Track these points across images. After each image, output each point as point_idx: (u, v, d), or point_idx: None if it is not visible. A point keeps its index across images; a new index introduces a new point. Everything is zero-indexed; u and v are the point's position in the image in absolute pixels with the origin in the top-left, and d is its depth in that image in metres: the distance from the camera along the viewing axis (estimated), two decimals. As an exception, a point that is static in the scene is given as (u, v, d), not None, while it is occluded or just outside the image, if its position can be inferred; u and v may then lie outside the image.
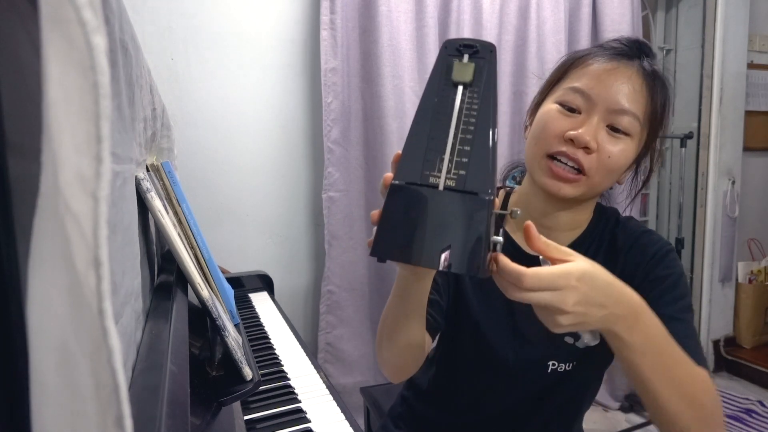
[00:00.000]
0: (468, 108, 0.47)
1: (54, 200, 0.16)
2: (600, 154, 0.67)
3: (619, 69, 0.68)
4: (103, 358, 0.17)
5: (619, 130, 0.68)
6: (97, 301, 0.17)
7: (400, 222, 0.46)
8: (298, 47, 1.80)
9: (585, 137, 0.66)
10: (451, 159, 0.46)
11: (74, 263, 0.17)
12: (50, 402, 0.18)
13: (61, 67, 0.15)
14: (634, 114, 0.68)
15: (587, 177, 0.68)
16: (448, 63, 0.49)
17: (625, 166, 0.71)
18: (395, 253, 0.46)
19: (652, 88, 0.70)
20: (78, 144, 0.16)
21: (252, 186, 1.80)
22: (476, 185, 0.45)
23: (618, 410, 2.30)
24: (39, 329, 0.18)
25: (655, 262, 0.73)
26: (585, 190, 0.69)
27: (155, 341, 0.51)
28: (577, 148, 0.67)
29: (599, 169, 0.68)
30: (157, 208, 0.65)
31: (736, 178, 2.62)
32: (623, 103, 0.67)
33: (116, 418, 0.18)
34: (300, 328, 1.68)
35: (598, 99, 0.67)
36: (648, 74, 0.70)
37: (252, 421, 0.81)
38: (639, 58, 0.71)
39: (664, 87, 0.72)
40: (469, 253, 0.44)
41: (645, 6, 2.51)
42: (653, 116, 0.70)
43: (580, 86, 0.69)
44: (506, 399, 0.83)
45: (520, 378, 0.80)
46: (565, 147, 0.68)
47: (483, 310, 0.80)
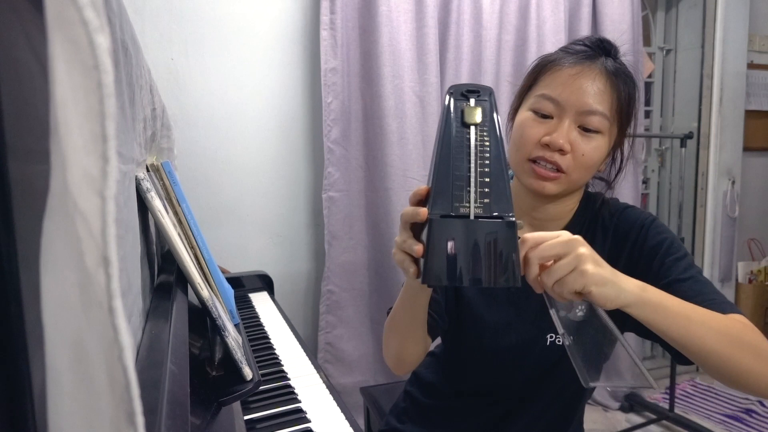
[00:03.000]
0: (481, 144, 0.56)
1: (63, 199, 0.16)
2: (575, 153, 0.73)
3: (583, 72, 0.73)
4: (115, 356, 0.18)
5: (590, 129, 0.73)
6: (108, 299, 0.17)
7: (443, 250, 0.53)
8: (298, 47, 1.80)
9: (558, 141, 0.72)
10: (475, 190, 0.54)
11: (84, 262, 0.17)
12: (66, 399, 0.19)
13: (66, 68, 0.15)
14: (602, 113, 0.73)
15: (566, 174, 0.74)
16: (458, 107, 0.56)
17: (600, 160, 0.77)
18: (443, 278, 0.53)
19: (616, 85, 0.74)
20: (84, 143, 0.16)
21: (252, 186, 1.80)
22: (500, 209, 0.53)
23: (618, 410, 2.30)
24: (53, 327, 0.18)
25: (644, 233, 0.77)
26: (566, 186, 0.75)
27: (155, 341, 0.51)
28: (553, 151, 0.73)
29: (576, 167, 0.74)
30: (157, 208, 0.65)
31: (736, 178, 2.62)
32: (590, 104, 0.72)
33: (128, 414, 0.18)
34: (300, 328, 1.68)
35: (566, 104, 0.73)
36: (611, 72, 0.74)
37: (252, 421, 0.81)
38: (601, 57, 0.75)
39: (627, 81, 0.76)
40: (503, 267, 0.52)
41: (645, 6, 2.51)
42: (620, 111, 0.75)
43: (550, 93, 0.74)
44: (511, 380, 0.87)
45: (524, 357, 0.83)
46: (542, 151, 0.74)
47: (483, 300, 0.85)
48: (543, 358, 0.83)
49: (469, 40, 1.91)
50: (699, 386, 2.53)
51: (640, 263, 0.75)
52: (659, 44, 2.61)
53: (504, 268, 0.52)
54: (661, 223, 0.79)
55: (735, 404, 2.34)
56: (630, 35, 2.15)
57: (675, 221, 2.57)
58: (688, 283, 0.69)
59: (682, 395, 2.43)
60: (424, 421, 0.96)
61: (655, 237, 0.76)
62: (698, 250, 2.62)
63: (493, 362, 0.86)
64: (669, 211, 2.66)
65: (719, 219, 2.60)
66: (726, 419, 2.22)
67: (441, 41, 1.88)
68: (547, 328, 0.81)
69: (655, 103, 2.64)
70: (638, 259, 0.76)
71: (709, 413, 2.27)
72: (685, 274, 0.70)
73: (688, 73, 2.58)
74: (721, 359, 0.59)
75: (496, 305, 0.85)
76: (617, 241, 0.79)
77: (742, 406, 2.32)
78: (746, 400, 2.37)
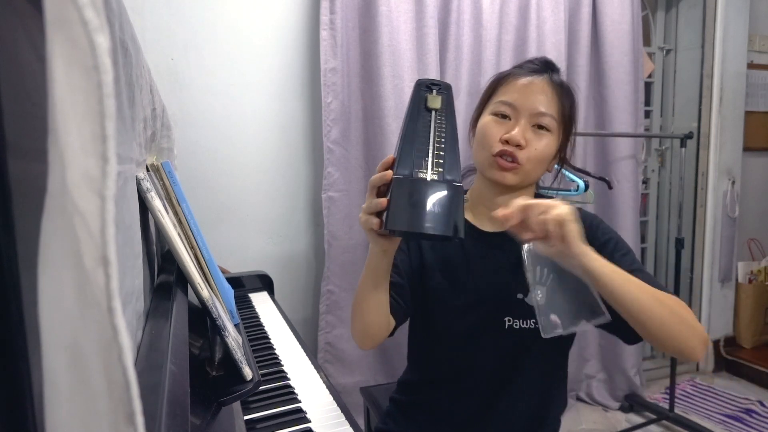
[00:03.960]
0: (439, 125, 0.70)
1: (62, 199, 0.16)
2: (529, 148, 0.87)
3: (534, 82, 0.89)
4: (114, 356, 0.18)
5: (542, 127, 0.87)
6: (107, 300, 0.17)
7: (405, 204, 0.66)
8: (298, 47, 1.80)
9: (516, 137, 0.85)
10: (433, 161, 0.69)
11: (83, 262, 0.17)
12: (62, 400, 0.18)
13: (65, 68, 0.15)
14: (551, 115, 0.87)
15: (522, 166, 0.87)
16: (423, 96, 0.70)
17: (550, 155, 0.90)
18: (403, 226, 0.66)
19: (561, 94, 0.89)
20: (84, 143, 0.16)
21: (252, 186, 1.80)
22: (451, 176, 0.68)
23: (618, 410, 2.30)
24: (50, 328, 0.18)
25: (593, 230, 0.89)
26: (523, 177, 0.88)
27: (155, 341, 0.51)
28: (512, 146, 0.86)
29: (530, 159, 0.87)
30: (157, 208, 0.65)
31: (736, 178, 2.62)
32: (541, 107, 0.87)
33: (127, 414, 0.18)
34: (300, 328, 1.67)
35: (522, 107, 0.87)
36: (556, 85, 0.89)
37: (252, 421, 0.81)
38: (547, 72, 0.90)
39: (569, 93, 0.91)
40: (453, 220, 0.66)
41: (645, 6, 2.51)
42: (563, 116, 0.90)
43: (507, 99, 0.89)
44: (479, 363, 0.94)
45: (485, 339, 0.92)
46: (503, 147, 0.87)
47: (447, 285, 0.94)
48: (503, 341, 0.91)
49: (469, 40, 1.91)
50: (699, 386, 2.53)
51: None
52: (659, 44, 2.61)
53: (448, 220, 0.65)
54: (606, 224, 0.93)
55: (735, 404, 2.34)
56: (630, 35, 2.15)
57: (675, 221, 2.57)
58: (635, 274, 0.78)
59: (682, 395, 2.43)
60: (407, 419, 1.03)
61: (604, 235, 0.90)
62: (698, 250, 2.62)
63: (455, 344, 0.95)
64: (669, 211, 2.65)
65: (719, 219, 2.60)
66: (726, 419, 2.22)
67: (441, 41, 1.88)
68: (505, 311, 0.90)
69: (655, 103, 2.64)
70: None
71: (709, 413, 2.27)
72: (632, 266, 0.82)
73: (688, 73, 2.58)
74: (656, 322, 0.73)
75: (458, 290, 0.93)
76: None
77: (742, 406, 2.33)
78: (746, 400, 2.37)
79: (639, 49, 2.22)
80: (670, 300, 0.76)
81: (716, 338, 2.69)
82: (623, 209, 2.23)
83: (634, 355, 2.31)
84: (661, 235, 2.69)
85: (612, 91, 2.16)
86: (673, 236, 2.48)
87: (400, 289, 0.93)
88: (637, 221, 2.27)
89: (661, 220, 2.69)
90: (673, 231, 2.62)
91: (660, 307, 0.73)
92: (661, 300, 0.74)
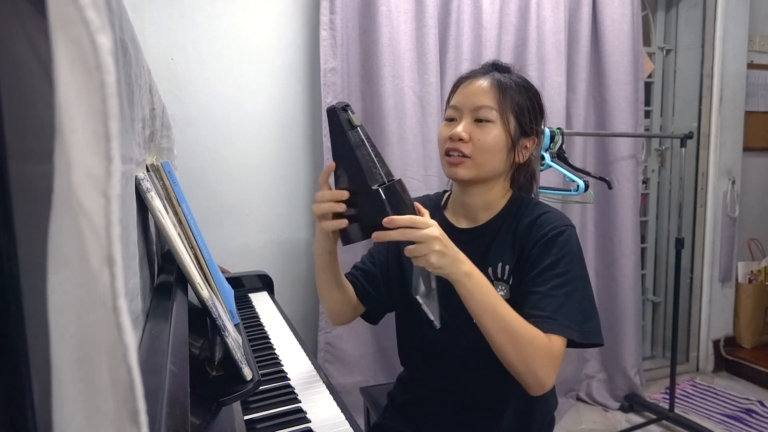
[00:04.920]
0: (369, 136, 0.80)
1: (68, 199, 0.16)
2: (473, 140, 0.91)
3: (473, 82, 0.94)
4: (119, 355, 0.18)
5: (481, 119, 0.92)
6: (112, 299, 0.17)
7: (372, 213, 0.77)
8: (297, 47, 1.80)
9: (457, 132, 0.91)
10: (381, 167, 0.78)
11: (89, 261, 0.17)
12: (69, 398, 0.18)
13: (69, 68, 0.15)
14: (487, 105, 0.91)
15: (471, 159, 0.91)
16: (345, 117, 0.79)
17: (497, 144, 0.92)
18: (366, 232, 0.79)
19: (502, 88, 0.92)
20: (88, 143, 0.16)
21: (252, 186, 1.80)
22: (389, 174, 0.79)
23: (618, 410, 2.30)
24: (58, 326, 0.18)
25: (544, 242, 0.89)
26: (475, 169, 0.92)
27: (155, 341, 0.51)
28: (456, 141, 0.92)
29: (476, 150, 0.91)
30: (157, 208, 0.65)
31: (736, 178, 2.62)
32: (477, 101, 0.92)
33: (132, 413, 0.18)
34: (300, 328, 1.67)
35: (463, 106, 0.93)
36: (497, 80, 0.93)
37: (252, 421, 0.81)
38: (491, 73, 0.95)
39: (521, 90, 0.94)
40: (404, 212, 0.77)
41: (645, 6, 2.51)
42: (505, 106, 0.92)
43: (454, 103, 0.96)
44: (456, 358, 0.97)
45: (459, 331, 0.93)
46: (450, 144, 0.93)
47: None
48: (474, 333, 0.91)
49: (469, 40, 1.91)
50: (699, 386, 2.53)
51: (527, 264, 0.90)
52: (659, 44, 2.61)
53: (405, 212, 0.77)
54: (569, 237, 0.90)
55: (735, 404, 2.34)
56: (630, 35, 2.15)
57: (675, 221, 2.57)
58: (536, 296, 0.85)
59: (682, 395, 2.43)
60: (402, 415, 1.07)
61: (551, 249, 0.88)
62: (698, 250, 2.62)
63: (431, 341, 0.99)
64: (669, 211, 2.65)
65: (719, 219, 2.60)
66: (726, 419, 2.22)
67: (441, 41, 1.88)
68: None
69: (655, 103, 2.64)
70: (527, 259, 0.90)
71: (709, 413, 2.27)
72: (543, 287, 0.85)
73: (688, 73, 2.58)
74: (497, 348, 0.81)
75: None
76: (525, 238, 0.93)
77: (742, 406, 2.33)
78: (746, 400, 2.37)
79: (639, 49, 2.22)
80: (529, 334, 0.80)
81: (716, 338, 2.69)
82: (623, 209, 2.22)
83: (634, 355, 2.31)
84: (661, 235, 2.69)
85: (612, 91, 2.16)
86: (673, 236, 2.48)
87: (371, 277, 1.03)
88: (637, 221, 2.27)
89: (661, 220, 2.69)
90: (673, 231, 2.62)
91: (506, 341, 0.79)
92: (513, 333, 0.79)
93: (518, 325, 0.80)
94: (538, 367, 0.80)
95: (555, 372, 0.82)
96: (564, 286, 0.85)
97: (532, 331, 0.81)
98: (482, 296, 0.80)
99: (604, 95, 2.18)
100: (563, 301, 0.84)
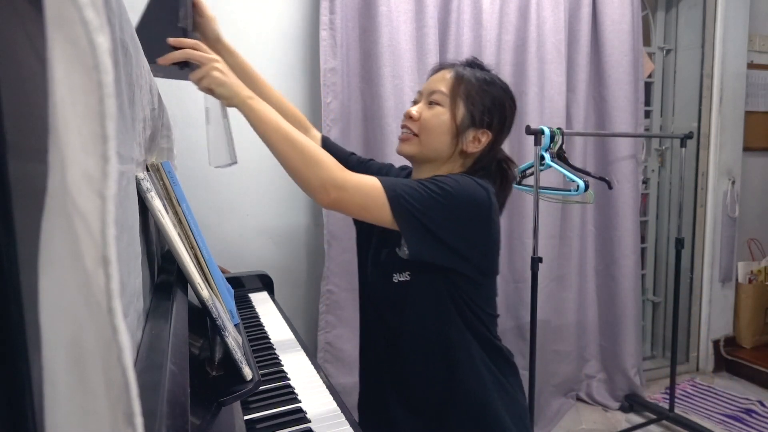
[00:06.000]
0: None
1: (62, 199, 0.16)
2: (421, 119, 0.98)
3: (438, 73, 1.02)
4: (114, 356, 0.18)
5: (432, 102, 0.98)
6: (107, 300, 0.17)
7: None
8: (297, 47, 1.80)
9: (409, 111, 1.00)
10: None
11: (84, 262, 0.17)
12: (62, 400, 0.18)
13: (66, 68, 0.15)
14: (440, 91, 0.97)
15: (417, 136, 0.98)
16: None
17: (440, 126, 0.97)
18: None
19: (460, 76, 0.98)
20: (84, 143, 0.16)
21: (252, 186, 1.80)
22: None
23: (618, 410, 2.30)
24: (50, 328, 0.18)
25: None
26: (418, 146, 0.99)
27: (155, 341, 0.51)
28: (407, 119, 1.00)
29: (421, 128, 0.98)
30: (157, 208, 0.65)
31: (736, 178, 2.62)
32: (434, 86, 0.99)
33: (127, 415, 0.18)
34: (300, 328, 1.67)
35: (424, 91, 1.02)
36: (458, 71, 0.99)
37: (252, 421, 0.81)
38: (455, 66, 1.01)
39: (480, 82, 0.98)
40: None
41: (645, 6, 2.51)
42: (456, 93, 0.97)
43: (420, 89, 1.04)
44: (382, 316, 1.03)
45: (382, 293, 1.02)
46: (403, 122, 1.02)
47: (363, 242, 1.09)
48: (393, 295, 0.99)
49: (469, 40, 1.91)
50: (699, 386, 2.53)
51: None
52: (659, 44, 2.61)
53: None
54: (455, 180, 0.91)
55: (735, 404, 2.34)
56: (630, 35, 2.15)
57: (675, 221, 2.57)
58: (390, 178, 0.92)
59: (682, 395, 2.43)
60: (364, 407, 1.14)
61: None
62: (698, 250, 2.62)
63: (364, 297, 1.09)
64: (669, 211, 2.65)
65: (719, 219, 2.60)
66: (726, 419, 2.22)
67: (441, 41, 1.88)
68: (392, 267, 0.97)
69: (655, 103, 2.64)
70: None
71: (709, 413, 2.27)
72: (391, 180, 0.90)
73: (688, 73, 2.58)
74: (283, 159, 0.89)
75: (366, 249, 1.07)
76: None
77: (742, 406, 2.33)
78: (746, 400, 2.37)
79: (639, 49, 2.22)
80: (311, 146, 0.88)
81: (716, 338, 2.69)
82: (623, 209, 2.22)
83: (634, 355, 2.31)
84: (661, 235, 2.69)
85: (612, 91, 2.16)
86: (673, 236, 2.48)
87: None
88: (637, 221, 2.27)
89: (661, 220, 2.69)
90: (673, 231, 2.62)
91: (291, 149, 0.87)
92: (296, 142, 0.87)
93: (307, 140, 0.88)
94: (324, 168, 0.85)
95: (345, 182, 0.85)
96: (421, 183, 0.89)
97: (323, 151, 0.88)
98: (267, 115, 0.88)
99: (604, 95, 2.18)
100: (407, 181, 0.90)
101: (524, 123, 1.95)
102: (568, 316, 2.24)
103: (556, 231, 2.13)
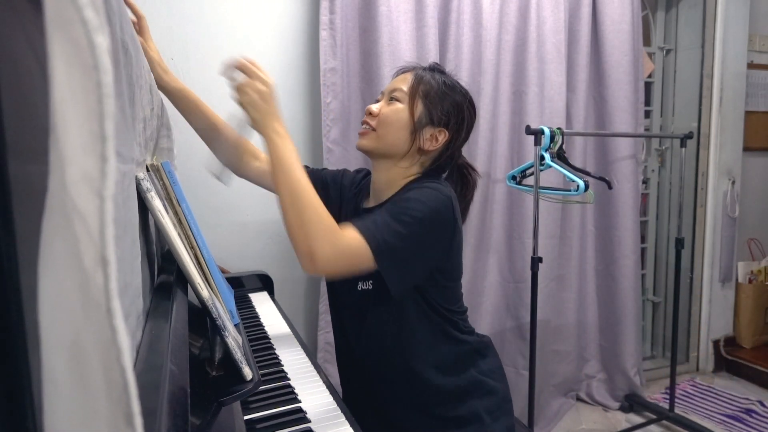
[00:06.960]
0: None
1: (62, 199, 0.16)
2: (379, 115, 1.02)
3: (401, 74, 1.06)
4: (113, 357, 0.18)
5: (392, 99, 1.02)
6: (106, 300, 0.17)
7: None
8: (297, 47, 1.80)
9: (369, 107, 1.04)
10: None
11: (83, 262, 0.17)
12: (62, 400, 0.18)
13: (66, 68, 0.15)
14: (400, 89, 1.01)
15: (374, 131, 1.01)
16: None
17: (398, 121, 1.00)
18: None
19: (419, 77, 1.02)
20: (83, 143, 0.16)
21: (252, 186, 1.79)
22: None
23: (618, 410, 2.30)
24: (50, 328, 0.18)
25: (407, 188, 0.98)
26: (376, 141, 1.01)
27: (155, 341, 0.51)
28: (368, 115, 1.03)
29: (380, 123, 1.01)
30: (157, 208, 0.65)
31: (736, 178, 2.62)
32: (395, 85, 1.03)
33: (126, 415, 0.18)
34: (300, 328, 1.67)
35: (386, 91, 1.05)
36: (418, 73, 1.03)
37: (252, 421, 0.81)
38: (417, 68, 1.05)
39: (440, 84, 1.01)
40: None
41: (645, 6, 2.51)
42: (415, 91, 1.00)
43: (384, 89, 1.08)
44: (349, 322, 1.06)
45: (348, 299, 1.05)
46: (363, 118, 1.04)
47: None
48: (358, 302, 1.02)
49: (469, 40, 1.91)
50: (699, 386, 2.53)
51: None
52: (659, 44, 2.61)
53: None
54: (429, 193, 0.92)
55: (735, 404, 2.34)
56: (630, 35, 2.14)
57: (675, 221, 2.57)
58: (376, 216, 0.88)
59: (682, 395, 2.43)
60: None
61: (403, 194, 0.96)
62: (698, 250, 2.62)
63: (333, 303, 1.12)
64: (669, 211, 2.65)
65: (719, 219, 2.60)
66: (726, 419, 2.22)
67: (441, 41, 1.88)
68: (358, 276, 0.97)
69: (655, 103, 2.64)
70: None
71: (709, 413, 2.27)
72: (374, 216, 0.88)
73: (688, 73, 2.58)
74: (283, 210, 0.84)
75: None
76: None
77: (742, 406, 2.33)
78: (746, 400, 2.37)
79: (639, 49, 2.22)
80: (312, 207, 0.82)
81: (716, 338, 2.69)
82: (623, 209, 2.22)
83: (634, 355, 2.31)
84: (661, 235, 2.69)
85: (612, 91, 2.16)
86: (673, 236, 2.48)
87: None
88: (637, 221, 2.27)
89: (661, 220, 2.69)
90: (673, 231, 2.61)
91: (291, 204, 0.82)
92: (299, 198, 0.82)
93: (309, 197, 0.82)
94: (314, 237, 0.79)
95: (333, 255, 0.81)
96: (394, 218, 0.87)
97: (322, 210, 0.82)
98: (284, 157, 0.85)
99: (604, 95, 2.17)
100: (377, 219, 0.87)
101: (524, 123, 1.95)
102: (568, 316, 2.24)
103: (556, 231, 2.13)
